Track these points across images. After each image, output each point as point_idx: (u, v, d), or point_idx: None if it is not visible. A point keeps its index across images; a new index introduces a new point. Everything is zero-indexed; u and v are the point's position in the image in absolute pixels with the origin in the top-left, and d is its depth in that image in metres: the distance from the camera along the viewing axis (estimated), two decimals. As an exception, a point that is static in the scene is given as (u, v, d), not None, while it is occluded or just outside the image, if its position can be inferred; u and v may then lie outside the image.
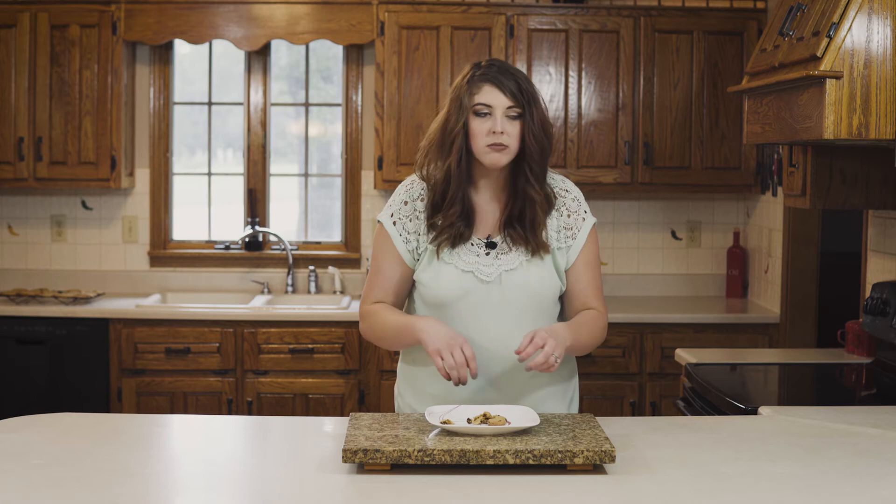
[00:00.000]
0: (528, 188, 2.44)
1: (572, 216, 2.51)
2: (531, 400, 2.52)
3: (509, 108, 2.40)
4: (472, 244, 2.47)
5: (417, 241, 2.49)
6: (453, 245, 2.46)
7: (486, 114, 2.40)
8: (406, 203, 2.51)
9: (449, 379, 2.30)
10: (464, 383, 2.30)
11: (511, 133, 2.40)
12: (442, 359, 2.29)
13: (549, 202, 2.47)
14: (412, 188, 2.52)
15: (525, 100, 2.40)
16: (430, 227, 2.47)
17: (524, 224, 2.45)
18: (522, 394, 2.52)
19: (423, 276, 2.48)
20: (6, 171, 4.89)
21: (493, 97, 2.39)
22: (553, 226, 2.49)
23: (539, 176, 2.45)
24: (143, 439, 2.39)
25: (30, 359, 4.63)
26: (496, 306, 2.46)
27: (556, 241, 2.49)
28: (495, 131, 2.38)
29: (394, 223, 2.50)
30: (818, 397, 3.41)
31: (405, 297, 2.57)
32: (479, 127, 2.40)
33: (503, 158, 2.42)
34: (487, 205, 2.50)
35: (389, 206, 2.53)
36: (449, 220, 2.45)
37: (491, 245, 2.47)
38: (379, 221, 2.53)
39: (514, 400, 2.50)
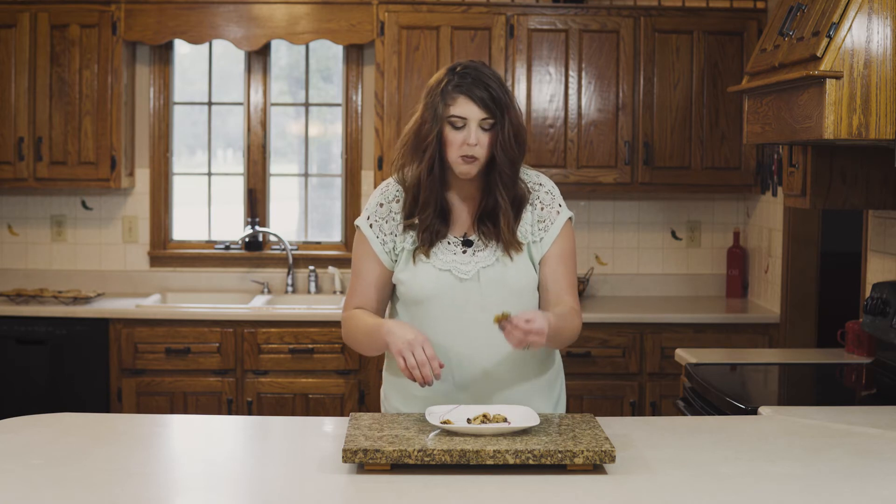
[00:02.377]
0: (497, 192, 2.47)
1: (546, 209, 2.53)
2: (515, 399, 2.52)
3: (483, 119, 2.42)
4: (449, 243, 2.50)
5: (394, 241, 2.52)
6: (431, 245, 2.48)
7: (460, 126, 2.42)
8: (381, 205, 2.55)
9: (414, 380, 2.31)
10: (429, 383, 2.30)
11: (483, 143, 2.43)
12: (404, 359, 2.29)
13: (521, 200, 2.50)
14: (387, 190, 2.56)
15: (499, 110, 2.42)
16: (407, 227, 2.50)
17: (495, 221, 2.48)
18: (505, 392, 2.52)
19: (401, 276, 2.51)
20: (6, 171, 4.89)
21: (467, 109, 2.41)
22: (528, 220, 2.51)
23: (508, 182, 2.47)
24: (143, 439, 2.39)
25: (30, 359, 4.63)
26: (476, 305, 2.47)
27: (532, 234, 2.52)
28: (469, 143, 2.41)
29: (370, 226, 2.54)
30: (818, 397, 3.41)
31: (386, 299, 2.59)
32: (453, 137, 2.43)
33: (473, 170, 2.45)
34: (462, 204, 2.53)
35: (366, 210, 2.57)
36: (424, 224, 2.48)
37: (467, 243, 2.50)
38: (357, 226, 2.57)
39: (496, 398, 2.50)
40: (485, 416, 2.25)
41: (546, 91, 4.86)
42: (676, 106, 4.88)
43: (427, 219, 2.47)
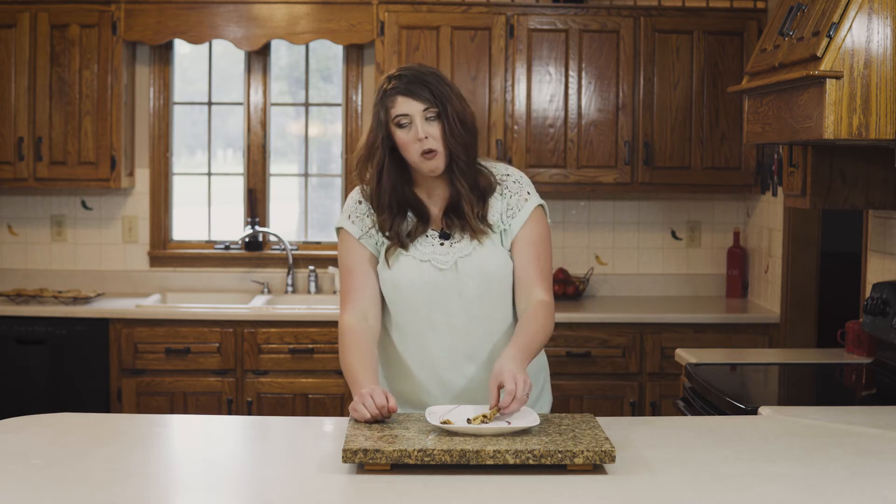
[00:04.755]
0: (456, 181, 2.52)
1: (514, 197, 2.57)
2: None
3: (425, 110, 2.46)
4: (427, 236, 2.55)
5: (377, 235, 2.57)
6: (406, 244, 2.53)
7: (406, 124, 2.47)
8: (360, 202, 2.60)
9: (373, 420, 2.30)
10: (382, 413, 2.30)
11: (435, 135, 2.47)
12: (359, 414, 2.29)
13: (484, 188, 2.54)
14: (365, 190, 2.61)
15: (439, 101, 2.47)
16: (379, 227, 2.55)
17: (460, 212, 2.52)
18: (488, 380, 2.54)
19: (382, 270, 2.55)
20: (6, 171, 4.89)
21: (406, 106, 2.46)
22: (497, 208, 2.56)
23: (465, 168, 2.51)
24: (143, 439, 2.39)
25: (30, 359, 4.63)
26: (456, 292, 2.52)
27: (502, 222, 2.56)
28: (420, 138, 2.45)
29: (352, 223, 2.58)
30: (818, 397, 3.41)
31: (379, 292, 2.59)
32: (404, 138, 2.48)
33: (439, 164, 2.48)
34: (431, 200, 2.58)
35: (344, 211, 2.61)
36: (385, 226, 2.53)
37: (444, 236, 2.54)
38: (339, 228, 2.60)
39: (481, 386, 2.53)
40: (485, 416, 2.25)
41: (546, 91, 4.86)
42: (676, 106, 4.88)
43: (386, 221, 2.53)
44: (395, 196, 2.53)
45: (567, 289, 4.99)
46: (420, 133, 2.45)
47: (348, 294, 2.56)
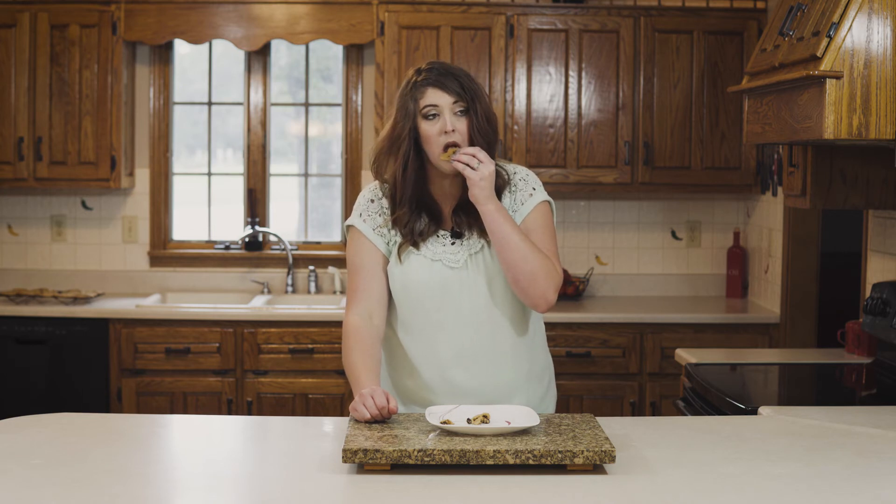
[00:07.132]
0: None
1: (519, 194, 2.57)
2: (506, 387, 2.56)
3: (455, 103, 2.46)
4: (438, 236, 2.54)
5: (388, 235, 2.56)
6: (417, 243, 2.52)
7: (434, 115, 2.46)
8: (372, 201, 2.59)
9: (373, 420, 2.30)
10: (382, 412, 2.30)
11: (462, 130, 2.47)
12: (359, 414, 2.29)
13: (497, 190, 2.52)
14: (376, 188, 2.61)
15: (468, 96, 2.47)
16: (394, 222, 2.54)
17: (469, 212, 2.51)
18: (497, 381, 2.55)
19: (393, 269, 2.54)
20: (6, 171, 4.89)
21: (437, 97, 2.46)
22: (505, 204, 2.55)
23: None
24: (143, 439, 2.39)
25: (30, 359, 4.63)
26: (468, 292, 2.51)
27: None
28: (446, 130, 2.45)
29: (364, 221, 2.57)
30: (818, 397, 3.41)
31: (387, 292, 2.59)
32: (430, 129, 2.47)
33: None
34: (445, 199, 2.57)
35: (356, 209, 2.61)
36: (402, 221, 2.52)
37: (456, 235, 2.54)
38: (349, 226, 2.59)
39: (487, 385, 2.54)
40: (485, 416, 2.25)
41: (546, 91, 4.86)
42: (676, 106, 4.88)
43: (404, 216, 2.51)
44: (415, 191, 2.52)
45: (567, 289, 4.99)
46: (448, 125, 2.44)
47: (354, 293, 2.55)
